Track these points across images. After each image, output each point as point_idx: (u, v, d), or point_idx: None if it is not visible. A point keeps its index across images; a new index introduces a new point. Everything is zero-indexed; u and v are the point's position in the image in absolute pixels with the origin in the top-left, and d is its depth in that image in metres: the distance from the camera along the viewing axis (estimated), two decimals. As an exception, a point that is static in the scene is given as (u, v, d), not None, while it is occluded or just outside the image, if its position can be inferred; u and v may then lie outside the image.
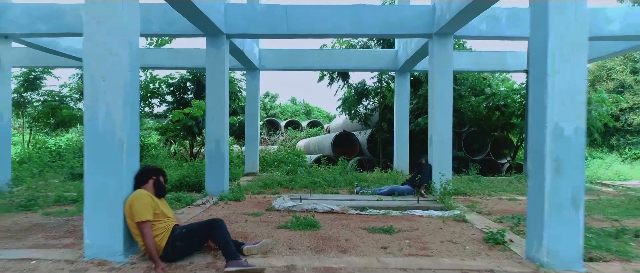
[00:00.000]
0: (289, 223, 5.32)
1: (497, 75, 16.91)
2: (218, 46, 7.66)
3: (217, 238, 3.72)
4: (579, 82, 3.76)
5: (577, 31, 3.75)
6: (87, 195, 3.80)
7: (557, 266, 3.71)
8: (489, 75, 15.91)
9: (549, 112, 3.75)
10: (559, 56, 3.74)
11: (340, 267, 3.71)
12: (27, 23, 7.64)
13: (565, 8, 3.73)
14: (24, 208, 6.20)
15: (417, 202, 6.75)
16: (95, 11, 3.74)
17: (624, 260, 4.02)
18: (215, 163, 7.69)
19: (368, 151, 15.29)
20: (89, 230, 3.79)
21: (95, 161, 3.78)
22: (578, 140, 3.77)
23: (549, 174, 3.76)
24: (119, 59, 3.78)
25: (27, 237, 4.64)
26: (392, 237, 4.86)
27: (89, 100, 3.77)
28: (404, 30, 7.89)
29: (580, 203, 3.77)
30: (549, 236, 3.76)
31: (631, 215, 6.27)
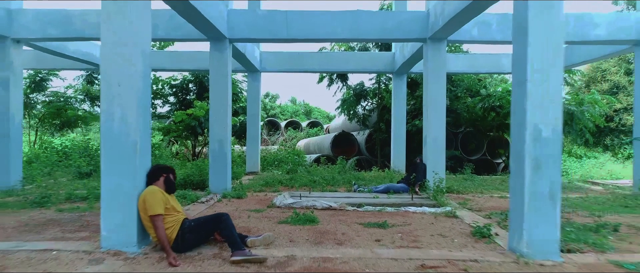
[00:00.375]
0: (289, 218, 5.65)
1: (495, 76, 17.24)
2: (221, 50, 7.99)
3: (223, 231, 4.05)
4: (555, 87, 4.09)
5: (553, 42, 4.07)
6: (104, 190, 4.13)
7: (536, 256, 4.04)
8: (487, 76, 16.22)
9: (528, 115, 4.08)
10: (537, 64, 4.06)
11: (336, 257, 4.04)
12: (38, 28, 7.97)
13: (543, 23, 4.05)
14: (38, 204, 6.53)
15: (412, 199, 7.09)
16: (112, 24, 4.07)
17: (599, 252, 4.35)
18: (218, 163, 8.02)
19: (366, 151, 15.61)
20: (105, 223, 4.12)
21: (111, 160, 4.11)
22: (555, 140, 4.10)
23: (529, 172, 4.09)
24: (133, 66, 4.11)
25: (45, 231, 4.97)
26: (385, 231, 5.19)
27: (106, 104, 4.11)
28: (399, 35, 8.22)
29: (557, 199, 4.10)
30: (528, 229, 4.09)
31: (614, 211, 6.60)
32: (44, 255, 4.01)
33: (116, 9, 4.06)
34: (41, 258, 3.92)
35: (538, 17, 4.05)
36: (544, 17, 4.06)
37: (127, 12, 4.06)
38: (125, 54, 4.09)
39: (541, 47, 4.05)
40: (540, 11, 4.05)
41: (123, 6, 4.05)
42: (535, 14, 4.05)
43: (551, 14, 4.06)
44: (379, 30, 8.12)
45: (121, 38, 4.06)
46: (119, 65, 4.09)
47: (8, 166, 8.07)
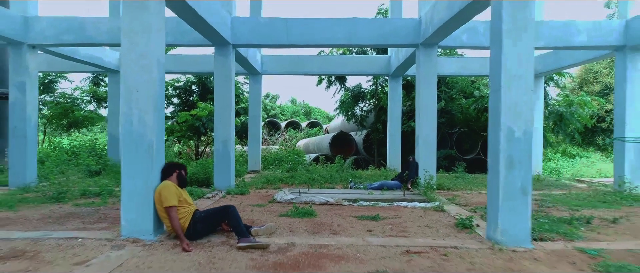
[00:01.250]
0: (289, 212, 6.15)
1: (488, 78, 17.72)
2: (225, 55, 8.49)
3: (230, 221, 4.55)
4: (526, 93, 4.57)
5: (524, 54, 4.56)
6: (124, 185, 4.62)
7: (509, 243, 4.54)
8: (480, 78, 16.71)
9: (502, 118, 4.58)
10: (509, 74, 4.55)
11: (331, 244, 4.54)
12: (53, 34, 8.46)
13: (514, 37, 4.54)
14: (55, 200, 7.03)
15: (403, 195, 7.58)
16: (132, 37, 4.57)
17: (568, 240, 4.84)
18: (222, 161, 8.51)
19: (364, 151, 16.11)
20: (125, 214, 4.62)
21: (130, 157, 4.61)
22: (526, 140, 4.59)
23: (503, 168, 4.59)
24: (150, 74, 4.61)
25: (67, 222, 5.47)
26: (377, 223, 5.68)
27: (126, 108, 4.60)
28: (394, 41, 8.71)
29: (528, 192, 4.59)
30: (502, 219, 4.58)
31: (592, 206, 7.09)
32: (71, 242, 4.51)
33: (136, 24, 4.56)
34: (69, 244, 4.42)
35: (511, 33, 4.54)
36: (516, 33, 4.55)
37: (146, 28, 4.55)
38: (143, 64, 4.59)
39: (513, 59, 4.54)
40: (512, 27, 4.54)
41: (143, 22, 4.55)
42: (508, 30, 4.55)
43: (522, 30, 4.55)
44: (374, 36, 8.61)
45: (140, 50, 4.56)
46: (138, 74, 4.58)
47: (25, 164, 8.56)
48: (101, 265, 3.77)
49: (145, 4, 4.56)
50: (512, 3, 4.54)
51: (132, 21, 4.57)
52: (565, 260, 4.16)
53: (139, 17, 4.57)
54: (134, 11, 4.57)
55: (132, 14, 4.57)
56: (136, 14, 4.57)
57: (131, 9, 4.58)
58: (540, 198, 7.79)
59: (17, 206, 6.50)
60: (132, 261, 3.92)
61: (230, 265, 3.83)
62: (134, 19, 4.57)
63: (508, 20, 4.56)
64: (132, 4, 4.57)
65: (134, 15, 4.57)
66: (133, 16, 4.58)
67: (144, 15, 4.58)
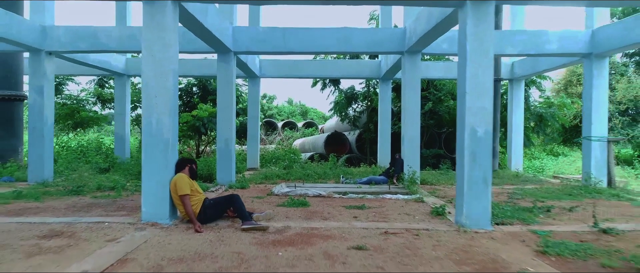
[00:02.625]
0: (286, 202, 6.94)
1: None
2: (227, 61, 9.26)
3: (235, 207, 5.34)
4: (486, 99, 5.39)
5: (485, 65, 5.37)
6: (144, 176, 5.40)
7: (473, 226, 5.34)
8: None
9: (467, 119, 5.39)
10: (472, 82, 5.36)
11: (321, 227, 5.33)
12: (69, 42, 9.21)
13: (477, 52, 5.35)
14: (74, 193, 7.79)
15: (389, 188, 8.38)
16: (151, 51, 5.35)
17: (524, 224, 5.64)
18: (224, 158, 9.29)
19: (357, 149, 16.91)
20: (145, 201, 5.40)
21: (149, 153, 5.39)
22: (487, 139, 5.40)
23: (467, 162, 5.40)
24: (167, 82, 5.39)
25: (91, 211, 6.24)
26: (363, 211, 6.49)
27: (146, 111, 5.38)
28: (382, 49, 9.52)
29: (488, 183, 5.40)
30: (467, 205, 5.39)
31: (557, 198, 7.91)
32: (99, 225, 5.28)
33: (155, 40, 5.34)
34: (98, 227, 5.19)
35: (473, 47, 5.36)
36: (478, 47, 5.36)
37: (163, 43, 5.34)
38: (161, 73, 5.37)
39: (475, 70, 5.36)
40: (475, 44, 5.35)
41: (161, 39, 5.33)
42: (472, 46, 5.36)
43: (483, 45, 5.37)
44: (364, 44, 9.42)
45: (158, 62, 5.34)
46: (156, 82, 5.36)
47: (42, 162, 9.32)
48: (129, 242, 4.55)
49: (164, 24, 5.34)
50: (475, 23, 5.35)
51: (152, 38, 5.35)
52: (517, 239, 4.97)
53: (157, 34, 5.35)
54: (153, 30, 5.35)
55: (152, 32, 5.35)
56: (155, 32, 5.34)
57: (151, 28, 5.36)
58: (512, 191, 8.63)
59: (42, 198, 7.26)
60: (154, 239, 4.70)
61: (236, 243, 4.62)
62: (153, 36, 5.35)
63: (471, 38, 5.37)
64: (152, 23, 5.35)
65: (153, 33, 5.35)
66: (152, 33, 5.36)
67: (162, 33, 5.36)
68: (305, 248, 4.41)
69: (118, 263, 3.86)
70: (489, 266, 3.97)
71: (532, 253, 4.43)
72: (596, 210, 6.12)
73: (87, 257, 4.03)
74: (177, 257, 4.08)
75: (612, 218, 6.13)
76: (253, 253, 4.23)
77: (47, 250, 4.24)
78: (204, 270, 3.69)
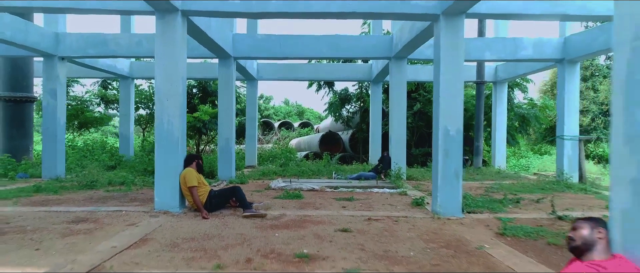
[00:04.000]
0: (282, 195, 7.68)
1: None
2: (227, 66, 9.99)
3: (238, 197, 6.09)
4: (458, 102, 6.14)
5: (456, 72, 6.13)
6: (157, 170, 6.13)
7: (446, 214, 6.10)
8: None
9: (440, 120, 6.14)
10: (445, 87, 6.12)
11: (313, 215, 6.08)
12: (80, 48, 9.91)
13: (449, 61, 6.10)
14: (88, 187, 8.50)
15: (376, 183, 9.14)
16: (163, 61, 6.08)
17: (493, 213, 6.41)
18: (225, 155, 10.03)
19: (350, 148, 17.67)
20: (157, 192, 6.13)
21: (161, 150, 6.12)
22: (458, 138, 6.15)
23: (441, 158, 6.16)
24: (176, 88, 6.12)
25: (107, 202, 6.96)
26: (351, 202, 7.23)
27: (159, 113, 6.11)
28: (370, 54, 10.29)
29: (459, 176, 6.16)
30: (441, 196, 6.15)
31: (529, 191, 8.68)
32: (117, 213, 6.01)
33: (167, 51, 6.08)
34: (117, 215, 5.92)
35: (446, 57, 6.11)
36: (450, 57, 6.12)
37: (174, 54, 6.08)
38: (171, 80, 6.10)
39: (448, 76, 6.12)
40: (447, 54, 6.11)
41: (172, 50, 6.07)
42: (445, 57, 6.11)
43: (454, 55, 6.13)
44: (355, 50, 10.18)
45: (169, 71, 6.07)
46: (167, 88, 6.09)
47: (55, 159, 10.02)
48: (146, 226, 5.28)
49: (174, 38, 6.08)
50: (448, 35, 6.11)
51: (163, 50, 6.08)
52: (482, 224, 5.73)
53: (168, 46, 6.08)
54: (165, 43, 6.08)
55: (163, 45, 6.08)
56: (166, 45, 6.08)
57: (163, 41, 6.09)
58: (490, 186, 9.41)
59: (60, 191, 7.98)
60: (167, 224, 5.44)
61: (239, 226, 5.36)
62: (164, 48, 6.08)
63: (444, 48, 6.13)
64: (163, 36, 6.08)
65: (164, 45, 6.08)
66: (164, 46, 6.09)
67: (172, 45, 6.09)
68: (298, 231, 5.15)
69: (140, 241, 4.59)
70: (452, 244, 4.72)
71: (493, 234, 5.19)
72: (556, 201, 6.87)
73: (113, 237, 4.76)
74: (189, 236, 4.81)
75: (571, 207, 6.90)
76: (253, 234, 4.97)
77: (77, 232, 4.97)
78: (214, 246, 4.44)
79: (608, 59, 22.54)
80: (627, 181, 2.52)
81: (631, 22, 2.55)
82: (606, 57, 22.32)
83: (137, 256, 4.08)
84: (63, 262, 3.85)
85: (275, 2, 6.30)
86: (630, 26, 2.55)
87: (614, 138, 2.63)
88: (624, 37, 2.58)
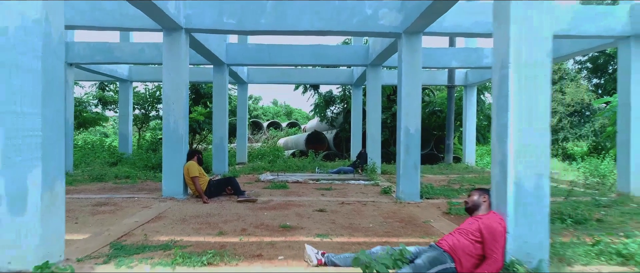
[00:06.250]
0: (270, 186, 8.87)
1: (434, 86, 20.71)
2: (221, 72, 11.15)
3: (233, 185, 7.27)
4: (416, 105, 7.39)
5: (415, 81, 7.38)
6: (165, 162, 7.27)
7: (406, 199, 7.33)
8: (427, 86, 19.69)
9: (402, 120, 7.39)
10: (405, 92, 7.37)
11: (296, 200, 7.28)
12: (88, 55, 10.97)
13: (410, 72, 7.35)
14: (97, 180, 9.59)
15: (353, 176, 10.38)
16: (170, 71, 7.23)
17: (446, 198, 7.67)
18: (219, 152, 11.18)
19: (334, 147, 18.90)
20: (165, 181, 7.28)
21: (168, 145, 7.27)
22: (417, 135, 7.40)
23: (402, 153, 7.40)
24: (180, 93, 7.28)
25: (119, 191, 8.07)
26: (329, 191, 8.44)
27: (166, 114, 7.26)
28: (350, 62, 11.53)
29: (417, 168, 7.40)
30: (402, 184, 7.39)
31: (485, 183, 9.97)
32: (131, 199, 7.15)
33: (173, 62, 7.23)
34: (131, 200, 7.06)
35: (407, 67, 7.37)
36: (410, 69, 7.37)
37: (179, 65, 7.23)
38: (176, 87, 7.25)
39: (408, 82, 7.36)
40: (408, 65, 7.37)
41: (177, 63, 7.23)
42: (406, 69, 7.36)
43: (414, 67, 7.38)
44: (336, 58, 11.41)
45: (175, 78, 7.23)
46: (173, 94, 7.25)
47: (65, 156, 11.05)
48: (158, 208, 6.43)
49: (178, 52, 7.24)
50: (408, 51, 7.36)
51: (170, 62, 7.24)
52: (435, 207, 6.99)
53: (174, 59, 7.24)
54: (172, 56, 7.24)
55: (170, 57, 7.24)
56: (172, 58, 7.23)
57: (170, 54, 7.25)
58: (453, 179, 10.71)
59: (74, 183, 9.06)
60: (175, 206, 6.59)
61: (235, 208, 6.53)
62: (171, 61, 7.23)
63: (405, 61, 7.38)
64: (170, 51, 7.24)
65: (171, 58, 7.24)
66: (171, 59, 7.24)
67: (177, 58, 7.25)
68: (283, 211, 6.35)
69: (155, 218, 5.75)
70: (405, 219, 5.97)
71: (441, 213, 6.45)
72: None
73: (133, 215, 5.90)
74: (194, 215, 5.99)
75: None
76: (247, 213, 6.16)
77: (102, 212, 6.11)
78: (215, 221, 5.62)
79: (576, 63, 24.15)
80: (497, 163, 3.77)
81: (498, 54, 3.80)
82: (574, 61, 23.93)
83: (156, 227, 5.25)
84: (100, 230, 5.01)
85: (265, 22, 7.48)
86: (498, 57, 3.80)
87: (492, 136, 3.89)
88: (496, 64, 3.84)
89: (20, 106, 3.47)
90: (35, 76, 3.47)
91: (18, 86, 3.45)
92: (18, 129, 3.47)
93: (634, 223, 5.76)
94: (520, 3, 3.59)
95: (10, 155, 3.45)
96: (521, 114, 3.60)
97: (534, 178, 3.58)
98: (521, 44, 3.60)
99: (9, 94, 3.45)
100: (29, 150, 3.48)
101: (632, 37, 7.95)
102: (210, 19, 7.36)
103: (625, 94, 8.11)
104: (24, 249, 3.46)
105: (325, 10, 7.44)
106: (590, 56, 22.87)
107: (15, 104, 3.46)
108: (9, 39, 3.44)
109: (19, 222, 3.46)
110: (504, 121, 3.66)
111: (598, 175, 10.65)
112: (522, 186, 3.57)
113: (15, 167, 3.46)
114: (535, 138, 3.60)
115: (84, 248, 4.28)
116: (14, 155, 3.46)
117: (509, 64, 3.61)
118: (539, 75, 3.61)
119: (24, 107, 3.47)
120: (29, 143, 3.48)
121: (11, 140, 3.46)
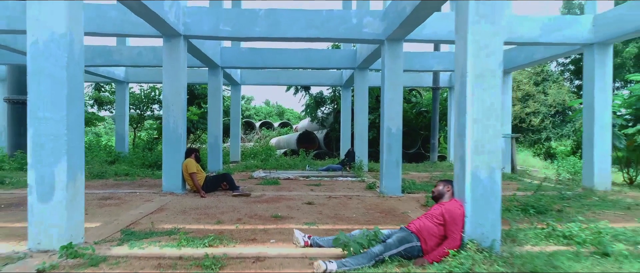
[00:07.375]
0: (262, 182, 9.46)
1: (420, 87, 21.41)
2: (216, 75, 11.70)
3: (228, 180, 7.84)
4: (397, 109, 8.00)
5: (396, 88, 8.00)
6: (165, 159, 7.82)
7: (389, 193, 7.95)
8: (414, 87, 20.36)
9: (385, 122, 8.01)
10: (388, 97, 7.99)
11: (287, 194, 7.88)
12: (89, 58, 11.44)
13: (392, 79, 7.97)
14: (99, 177, 10.10)
15: (342, 173, 11.00)
16: (170, 75, 7.78)
17: (426, 193, 8.29)
18: (214, 150, 11.73)
19: (325, 146, 19.50)
20: (165, 177, 7.83)
21: (168, 144, 7.81)
22: (397, 135, 8.02)
23: (385, 152, 8.02)
24: (179, 96, 7.83)
25: (121, 187, 8.60)
26: (318, 187, 9.05)
27: (165, 115, 7.81)
28: (339, 65, 12.13)
29: (399, 165, 8.03)
30: (385, 180, 8.01)
31: (465, 180, 10.66)
32: (133, 194, 7.69)
33: (173, 67, 7.79)
34: (133, 195, 7.60)
35: (389, 75, 7.98)
36: (392, 74, 7.99)
37: (178, 70, 7.79)
38: (175, 90, 7.81)
39: (390, 88, 7.98)
40: (390, 70, 7.99)
41: (177, 68, 7.78)
42: (389, 74, 7.98)
43: (395, 72, 8.00)
44: (325, 61, 12.00)
45: (174, 82, 7.78)
46: (172, 96, 7.80)
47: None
48: (159, 201, 6.99)
49: (177, 58, 7.79)
50: (390, 56, 7.99)
51: (170, 66, 7.79)
52: (414, 200, 7.62)
53: (173, 63, 7.79)
54: (171, 61, 7.79)
55: (170, 62, 7.79)
56: (172, 62, 7.79)
57: (169, 59, 7.80)
58: (435, 175, 11.35)
59: (77, 180, 9.55)
60: (175, 200, 7.16)
61: (230, 201, 7.11)
62: (170, 65, 7.79)
63: (387, 67, 8.00)
64: (170, 56, 7.79)
65: (170, 63, 7.79)
66: (170, 63, 7.80)
67: (176, 63, 7.81)
68: (274, 204, 6.95)
69: (158, 210, 6.32)
70: (386, 210, 6.59)
71: (419, 206, 7.07)
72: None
73: (137, 207, 6.46)
74: (194, 207, 6.56)
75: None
76: (241, 205, 6.74)
77: (109, 204, 6.66)
78: (213, 212, 6.19)
79: (559, 65, 25.01)
80: (458, 157, 4.41)
81: (458, 65, 4.43)
82: (557, 63, 24.80)
83: (159, 217, 5.82)
84: (109, 220, 5.56)
85: (259, 29, 8.05)
86: (458, 67, 4.43)
87: (452, 134, 4.52)
88: (457, 72, 4.47)
89: (49, 111, 4.02)
90: (61, 84, 4.03)
91: (47, 92, 4.01)
92: (46, 130, 4.03)
93: (590, 213, 6.45)
94: (475, 22, 4.22)
95: (40, 152, 4.01)
96: (477, 116, 4.22)
97: (488, 170, 4.21)
98: (476, 57, 4.23)
99: (38, 99, 4.01)
100: (56, 148, 4.04)
101: (595, 44, 8.65)
102: (208, 27, 7.92)
103: (589, 96, 8.81)
104: (51, 232, 4.02)
105: (315, 19, 8.04)
106: (572, 58, 23.78)
107: (43, 108, 4.02)
108: (40, 50, 3.99)
109: (47, 209, 4.02)
110: (463, 121, 4.29)
111: (572, 172, 11.40)
112: (477, 177, 4.19)
113: (44, 161, 4.02)
114: (488, 137, 4.23)
115: (98, 234, 4.83)
116: (43, 152, 4.02)
117: (467, 73, 4.23)
118: (491, 83, 4.24)
119: (52, 112, 4.03)
120: (55, 142, 4.04)
121: (40, 138, 4.02)
